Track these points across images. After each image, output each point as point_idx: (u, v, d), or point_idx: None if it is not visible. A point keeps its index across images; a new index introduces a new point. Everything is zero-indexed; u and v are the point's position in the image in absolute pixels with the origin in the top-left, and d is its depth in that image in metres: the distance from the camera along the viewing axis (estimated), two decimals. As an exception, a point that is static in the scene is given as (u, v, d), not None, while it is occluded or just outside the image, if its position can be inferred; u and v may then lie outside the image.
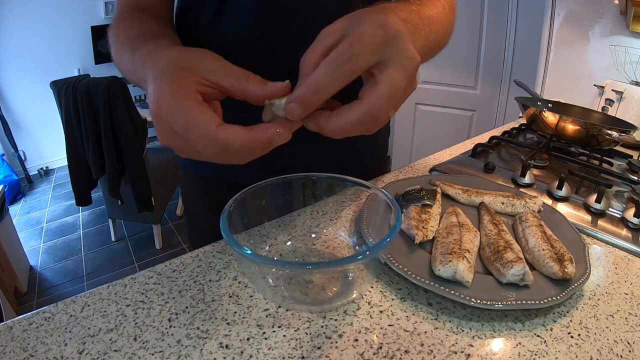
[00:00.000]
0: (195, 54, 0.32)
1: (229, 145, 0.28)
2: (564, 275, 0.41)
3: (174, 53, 0.33)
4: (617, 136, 0.75)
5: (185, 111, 0.28)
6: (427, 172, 0.74)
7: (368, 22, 0.29)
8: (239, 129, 0.28)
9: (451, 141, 0.93)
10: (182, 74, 0.30)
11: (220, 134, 0.28)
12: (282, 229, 0.52)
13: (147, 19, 0.49)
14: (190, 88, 0.29)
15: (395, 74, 0.29)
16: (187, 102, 0.28)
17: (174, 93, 0.28)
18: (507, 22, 1.89)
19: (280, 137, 0.30)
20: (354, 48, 0.28)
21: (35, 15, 3.10)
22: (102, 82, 1.77)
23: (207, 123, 0.28)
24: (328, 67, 0.28)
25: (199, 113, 0.28)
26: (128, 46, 0.41)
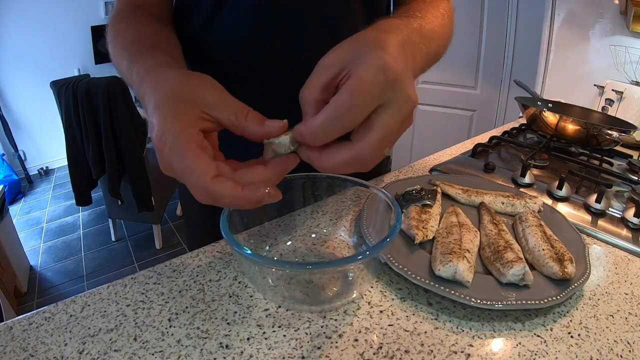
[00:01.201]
0: (195, 82, 0.32)
1: (220, 199, 0.29)
2: (564, 275, 0.41)
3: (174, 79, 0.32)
4: (617, 136, 0.75)
5: (185, 156, 0.28)
6: (427, 172, 0.74)
7: (368, 62, 0.28)
8: (232, 186, 0.29)
9: (451, 141, 0.93)
10: (184, 109, 0.30)
11: (213, 187, 0.28)
12: (282, 229, 0.52)
13: (145, 19, 0.48)
14: (193, 128, 0.29)
15: (390, 119, 0.29)
16: (187, 147, 0.28)
17: (177, 132, 0.29)
18: (507, 22, 1.89)
19: (270, 197, 0.30)
20: (355, 99, 0.28)
21: (35, 15, 3.10)
22: (102, 82, 1.77)
23: (202, 173, 0.28)
24: (327, 118, 0.28)
25: (197, 162, 0.28)
26: (125, 53, 0.41)
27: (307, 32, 0.54)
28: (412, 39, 0.36)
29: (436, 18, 0.45)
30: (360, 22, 0.57)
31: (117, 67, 0.44)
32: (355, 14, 0.56)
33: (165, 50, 0.42)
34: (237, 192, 0.29)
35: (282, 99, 0.57)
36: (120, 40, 0.44)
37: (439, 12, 0.47)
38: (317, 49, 0.56)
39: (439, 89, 2.17)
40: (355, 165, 0.30)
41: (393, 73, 0.28)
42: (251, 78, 0.56)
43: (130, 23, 0.47)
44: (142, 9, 0.50)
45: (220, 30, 0.54)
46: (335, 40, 0.56)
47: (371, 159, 0.30)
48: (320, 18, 0.53)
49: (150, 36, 0.44)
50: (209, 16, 0.53)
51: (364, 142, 0.29)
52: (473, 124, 2.17)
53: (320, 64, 0.31)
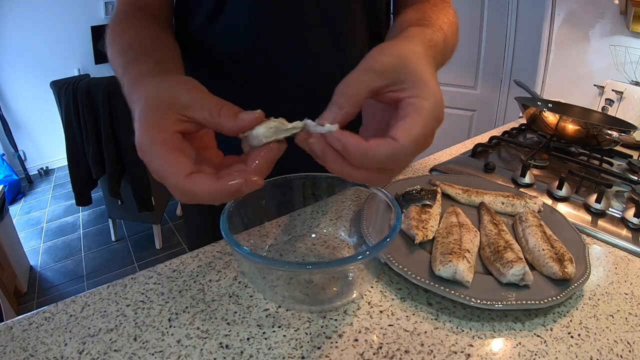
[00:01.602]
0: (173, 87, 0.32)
1: (197, 196, 0.29)
2: (564, 275, 0.41)
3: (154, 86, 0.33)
4: (617, 136, 0.75)
5: (160, 159, 0.29)
6: (427, 172, 0.74)
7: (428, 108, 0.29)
8: (206, 180, 0.29)
9: (451, 141, 0.93)
10: (160, 115, 0.30)
11: (187, 185, 0.28)
12: (282, 229, 0.52)
13: (144, 21, 0.48)
14: (168, 132, 0.30)
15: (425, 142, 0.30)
16: (161, 150, 0.29)
17: (151, 138, 0.29)
18: (507, 22, 1.89)
19: (248, 185, 0.29)
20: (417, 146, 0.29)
21: (35, 15, 3.10)
22: (102, 82, 1.77)
23: (176, 174, 0.28)
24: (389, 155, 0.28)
25: (170, 162, 0.29)
26: (121, 58, 0.41)
27: (307, 31, 0.54)
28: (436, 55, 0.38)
29: (450, 27, 0.45)
30: (360, 21, 0.57)
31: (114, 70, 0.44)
32: (355, 14, 0.56)
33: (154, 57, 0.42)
34: (211, 186, 0.28)
35: (282, 98, 0.57)
36: (118, 43, 0.44)
37: (451, 21, 0.47)
38: (317, 48, 0.56)
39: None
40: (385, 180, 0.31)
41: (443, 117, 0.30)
42: (252, 77, 0.56)
43: (129, 25, 0.46)
44: (142, 10, 0.50)
45: (220, 30, 0.54)
46: (335, 40, 0.56)
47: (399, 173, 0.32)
48: (320, 18, 0.53)
49: (146, 40, 0.44)
50: (209, 16, 0.53)
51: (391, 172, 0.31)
52: (473, 124, 2.17)
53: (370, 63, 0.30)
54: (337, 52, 0.55)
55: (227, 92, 0.59)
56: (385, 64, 0.30)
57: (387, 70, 0.30)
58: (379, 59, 0.31)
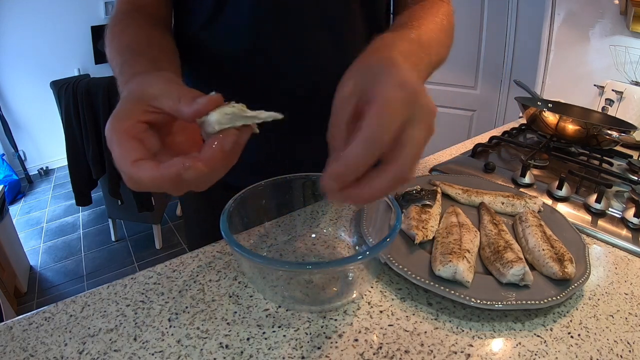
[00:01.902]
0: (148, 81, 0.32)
1: (141, 182, 0.29)
2: (564, 275, 0.41)
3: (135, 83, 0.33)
4: (617, 136, 0.75)
5: (116, 146, 0.29)
6: (427, 172, 0.74)
7: (386, 82, 0.29)
8: (149, 167, 0.28)
9: (451, 141, 0.93)
10: (129, 107, 0.31)
11: (132, 170, 0.28)
12: (282, 229, 0.52)
13: (142, 21, 0.48)
14: (130, 121, 0.30)
15: (419, 133, 0.29)
16: (118, 137, 0.29)
17: (114, 127, 0.30)
18: (507, 22, 1.89)
19: (189, 170, 0.28)
20: (383, 118, 0.28)
21: (35, 15, 3.10)
22: (102, 82, 1.77)
23: (124, 158, 0.29)
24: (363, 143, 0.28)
25: (122, 149, 0.29)
26: (118, 58, 0.42)
27: (307, 32, 0.54)
28: (411, 50, 0.37)
29: (434, 24, 0.45)
30: (360, 21, 0.57)
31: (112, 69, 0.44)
32: (355, 13, 0.56)
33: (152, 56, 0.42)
34: (153, 172, 0.28)
35: (282, 99, 0.57)
36: (116, 43, 0.44)
37: (438, 18, 0.47)
38: (317, 48, 0.56)
39: (439, 89, 2.16)
40: (397, 185, 0.30)
41: (411, 87, 0.29)
42: (252, 78, 0.56)
43: (128, 25, 0.47)
44: (141, 10, 0.50)
45: (220, 30, 0.54)
46: (335, 40, 0.56)
47: (410, 175, 0.30)
48: (320, 18, 0.53)
49: (142, 41, 0.45)
50: (209, 16, 0.53)
51: (400, 162, 0.29)
52: (473, 124, 2.17)
53: (338, 97, 0.31)
54: (337, 52, 0.55)
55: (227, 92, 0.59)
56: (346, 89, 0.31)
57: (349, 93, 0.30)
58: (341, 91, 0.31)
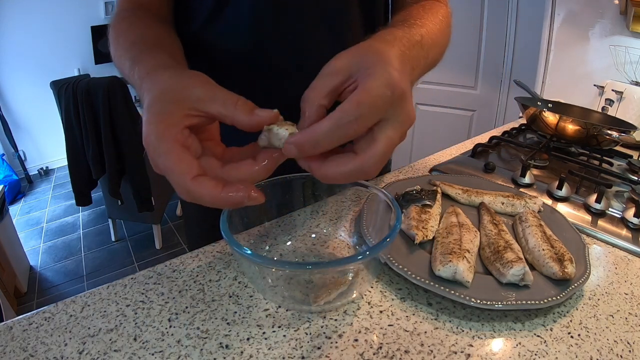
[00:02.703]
0: (185, 81, 0.32)
1: (200, 199, 0.29)
2: (564, 275, 0.41)
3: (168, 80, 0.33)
4: (617, 136, 0.75)
5: (167, 156, 0.29)
6: (427, 172, 0.74)
7: (377, 77, 0.29)
8: (212, 186, 0.29)
9: (451, 141, 0.93)
10: (171, 109, 0.30)
11: (192, 187, 0.29)
12: (282, 229, 0.52)
13: (147, 19, 0.48)
14: (177, 127, 0.30)
15: (393, 134, 0.30)
16: (169, 146, 0.29)
17: (160, 133, 0.29)
18: (507, 22, 1.89)
19: (250, 200, 0.30)
20: (361, 109, 0.28)
21: (35, 15, 3.10)
22: (102, 82, 1.77)
23: (183, 173, 0.29)
24: (333, 125, 0.28)
25: (178, 161, 0.29)
26: (128, 53, 0.41)
27: (306, 31, 0.54)
28: (412, 53, 0.37)
29: (435, 25, 0.45)
30: (359, 21, 0.57)
31: (119, 67, 0.44)
32: (354, 13, 0.56)
33: (166, 51, 0.42)
34: (215, 193, 0.29)
35: (283, 98, 0.57)
36: (122, 40, 0.44)
37: (438, 19, 0.47)
38: (317, 48, 0.56)
39: (439, 89, 2.16)
40: (357, 176, 0.30)
41: (399, 90, 0.29)
42: (252, 77, 0.56)
43: (133, 23, 0.47)
44: (143, 8, 0.50)
45: (220, 30, 0.54)
46: (334, 39, 0.56)
47: (373, 171, 0.30)
48: (320, 17, 0.53)
49: (152, 36, 0.45)
50: (209, 16, 0.54)
51: (368, 155, 0.30)
52: (473, 124, 2.17)
53: (326, 69, 0.32)
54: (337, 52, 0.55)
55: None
56: (337, 64, 0.31)
57: (339, 69, 0.31)
58: (332, 62, 0.32)
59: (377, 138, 0.30)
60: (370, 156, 0.30)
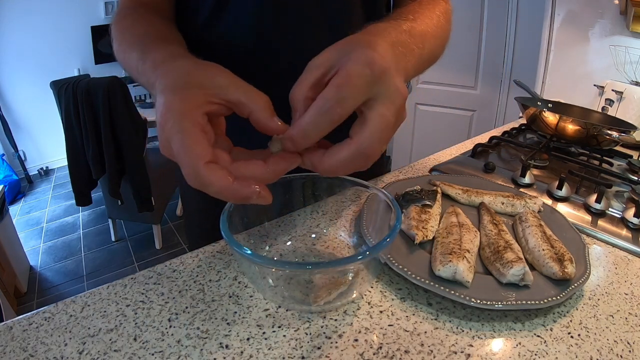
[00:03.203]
0: (207, 68, 0.32)
1: (208, 186, 0.29)
2: (564, 275, 0.41)
3: (187, 66, 0.33)
4: (617, 136, 0.75)
5: (185, 135, 0.28)
6: (427, 172, 0.74)
7: (354, 59, 0.29)
8: (223, 175, 0.29)
9: (451, 141, 0.93)
10: (194, 92, 0.30)
11: (203, 172, 0.28)
12: (282, 229, 0.52)
13: (151, 17, 0.48)
14: (199, 110, 0.30)
15: (384, 110, 0.30)
16: (190, 127, 0.29)
17: (182, 112, 0.29)
18: (507, 22, 1.89)
19: (259, 197, 0.30)
20: (341, 91, 0.28)
21: (35, 16, 3.10)
22: (102, 82, 1.77)
23: (197, 156, 0.28)
24: (316, 112, 0.29)
25: (195, 143, 0.28)
26: (136, 45, 0.41)
27: (308, 29, 0.54)
28: (401, 39, 0.37)
29: (430, 19, 0.45)
30: (361, 21, 0.57)
31: (123, 61, 0.43)
32: (356, 12, 0.56)
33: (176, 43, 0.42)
34: (225, 183, 0.28)
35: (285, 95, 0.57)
36: (128, 35, 0.44)
37: (434, 14, 0.47)
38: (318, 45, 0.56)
39: (439, 89, 2.17)
40: (357, 161, 0.30)
41: (379, 67, 0.29)
42: (253, 75, 0.56)
43: (137, 20, 0.47)
44: (145, 7, 0.50)
45: (222, 29, 0.54)
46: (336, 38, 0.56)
47: (372, 153, 0.30)
48: (322, 16, 0.54)
49: (161, 30, 0.45)
50: (211, 14, 0.54)
51: (362, 136, 0.29)
52: (473, 124, 2.17)
53: (310, 64, 0.32)
54: None
55: None
56: (320, 58, 0.31)
57: (322, 62, 0.31)
58: (316, 57, 0.32)
59: (368, 117, 0.29)
60: (365, 136, 0.29)
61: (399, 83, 0.31)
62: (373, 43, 0.31)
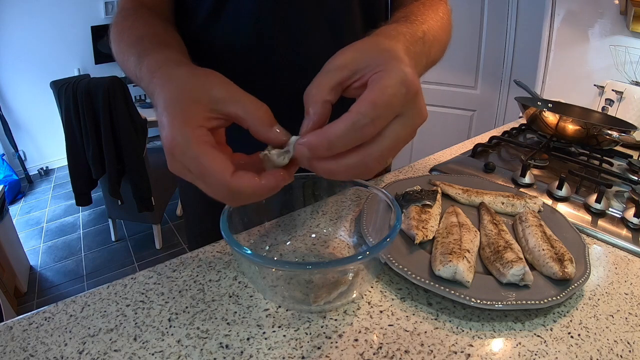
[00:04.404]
0: (204, 79, 0.32)
1: (242, 193, 0.29)
2: (564, 275, 0.41)
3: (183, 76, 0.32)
4: (617, 136, 0.75)
5: (201, 159, 0.28)
6: (427, 172, 0.74)
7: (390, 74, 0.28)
8: (251, 177, 0.29)
9: (451, 141, 0.93)
10: (194, 109, 0.30)
11: (234, 183, 0.28)
12: (282, 229, 0.52)
13: (151, 18, 0.48)
14: (203, 129, 0.29)
15: (402, 130, 0.29)
16: (201, 148, 0.28)
17: (188, 136, 0.28)
18: (507, 22, 1.89)
19: (286, 182, 0.30)
20: (377, 110, 0.27)
21: (35, 16, 3.10)
22: (102, 82, 1.77)
23: (222, 172, 0.28)
24: (348, 126, 0.27)
25: (214, 161, 0.28)
26: (133, 49, 0.41)
27: (308, 30, 0.54)
28: (416, 49, 0.37)
29: (437, 22, 0.45)
30: (359, 20, 0.57)
31: (122, 63, 0.43)
32: (355, 12, 0.56)
33: (174, 47, 0.42)
34: (256, 183, 0.29)
35: (284, 97, 0.57)
36: (126, 37, 0.44)
37: (439, 16, 0.47)
38: (318, 45, 0.56)
39: (439, 89, 2.16)
40: (359, 171, 0.29)
41: (414, 87, 0.28)
42: (254, 77, 0.56)
43: (136, 21, 0.47)
44: (145, 7, 0.50)
45: (221, 29, 0.54)
46: (335, 38, 0.56)
47: (376, 166, 0.29)
48: (321, 16, 0.54)
49: (158, 33, 0.44)
50: (210, 14, 0.54)
51: (372, 149, 0.28)
52: (473, 124, 2.17)
53: (330, 64, 0.31)
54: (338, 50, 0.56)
55: None
56: (342, 59, 0.30)
57: (345, 64, 0.30)
58: (337, 57, 0.31)
59: (384, 134, 0.28)
60: (374, 150, 0.28)
61: (423, 105, 0.30)
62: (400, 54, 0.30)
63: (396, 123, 0.29)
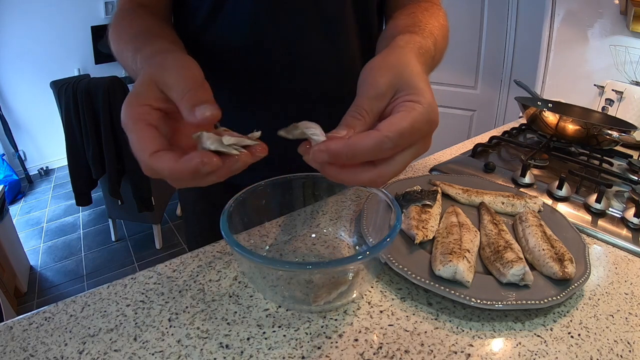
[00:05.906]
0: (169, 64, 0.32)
1: (160, 173, 0.29)
2: (564, 275, 0.41)
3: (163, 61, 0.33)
4: (617, 136, 0.75)
5: (132, 133, 0.29)
6: (427, 172, 0.74)
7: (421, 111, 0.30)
8: (168, 159, 0.29)
9: (451, 141, 0.93)
10: (144, 90, 0.31)
11: (151, 162, 0.29)
12: (282, 229, 0.52)
13: (148, 17, 0.49)
14: (143, 107, 0.30)
15: (410, 158, 0.31)
16: (134, 124, 0.30)
17: (129, 112, 0.30)
18: (507, 22, 1.89)
19: (206, 166, 0.28)
20: (403, 140, 0.29)
21: (35, 16, 3.10)
22: (102, 82, 1.77)
23: (143, 150, 0.29)
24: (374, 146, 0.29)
25: (139, 138, 0.29)
26: (130, 45, 0.41)
27: (304, 31, 0.54)
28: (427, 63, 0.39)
29: (440, 31, 0.46)
30: (353, 22, 0.57)
31: (121, 60, 0.44)
32: (349, 14, 0.56)
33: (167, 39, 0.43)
34: (172, 165, 0.29)
35: (282, 97, 0.58)
36: (124, 34, 0.44)
37: (441, 24, 0.48)
38: (314, 47, 0.56)
39: (439, 89, 2.16)
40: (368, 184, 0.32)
41: (435, 125, 0.31)
42: (251, 77, 0.57)
43: (134, 20, 0.47)
44: (143, 7, 0.51)
45: (220, 30, 0.54)
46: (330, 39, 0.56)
47: (382, 183, 0.32)
48: (317, 18, 0.54)
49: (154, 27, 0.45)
50: (208, 16, 0.54)
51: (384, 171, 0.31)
52: (473, 124, 2.17)
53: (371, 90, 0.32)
54: (332, 51, 0.56)
55: (226, 91, 0.59)
56: (383, 85, 0.32)
57: (386, 90, 0.32)
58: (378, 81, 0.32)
59: (395, 158, 0.31)
60: (385, 172, 0.31)
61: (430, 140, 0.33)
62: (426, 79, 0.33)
63: (408, 151, 0.31)
